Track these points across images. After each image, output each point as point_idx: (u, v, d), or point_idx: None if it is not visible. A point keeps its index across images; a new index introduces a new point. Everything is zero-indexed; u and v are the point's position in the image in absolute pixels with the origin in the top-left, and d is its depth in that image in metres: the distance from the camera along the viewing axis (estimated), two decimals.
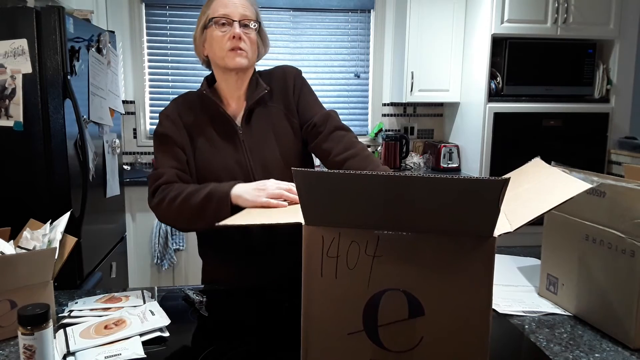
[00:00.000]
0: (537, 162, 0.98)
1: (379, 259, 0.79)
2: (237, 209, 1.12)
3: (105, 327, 0.98)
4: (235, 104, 1.32)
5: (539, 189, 0.89)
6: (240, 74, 1.28)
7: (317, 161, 1.46)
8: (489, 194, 0.70)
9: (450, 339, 0.79)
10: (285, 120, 1.32)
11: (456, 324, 0.78)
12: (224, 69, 1.27)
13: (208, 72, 1.39)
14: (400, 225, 0.79)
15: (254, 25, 1.27)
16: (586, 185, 0.82)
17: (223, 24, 1.24)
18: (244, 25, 1.25)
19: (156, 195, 1.21)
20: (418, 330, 0.80)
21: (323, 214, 0.81)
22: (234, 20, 1.24)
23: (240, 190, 1.13)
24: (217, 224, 0.97)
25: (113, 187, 2.48)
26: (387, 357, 0.82)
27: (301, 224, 0.83)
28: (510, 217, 0.81)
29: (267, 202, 1.09)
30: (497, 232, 0.76)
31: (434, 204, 0.75)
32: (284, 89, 1.34)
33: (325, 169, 0.84)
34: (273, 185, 1.13)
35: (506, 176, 1.00)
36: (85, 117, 2.14)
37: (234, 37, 1.23)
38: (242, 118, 1.30)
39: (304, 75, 1.39)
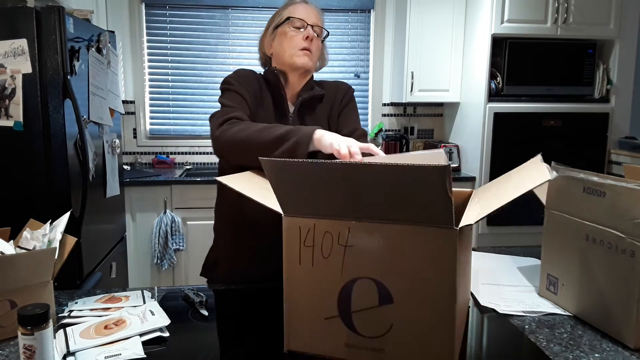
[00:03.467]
0: (535, 160, 0.99)
1: (350, 248, 0.83)
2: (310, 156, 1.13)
3: (105, 327, 0.98)
4: (289, 97, 1.40)
5: (516, 183, 0.91)
6: (301, 75, 1.38)
7: None
8: (435, 181, 0.72)
9: (419, 327, 0.82)
10: (326, 125, 1.42)
11: (424, 312, 0.81)
12: (289, 66, 1.36)
13: (208, 72, 1.43)
14: (366, 215, 0.82)
15: (323, 35, 1.39)
16: (547, 176, 0.86)
17: (298, 27, 1.34)
18: (315, 33, 1.36)
19: (224, 125, 1.19)
20: (388, 317, 0.83)
21: (297, 204, 0.85)
22: (308, 24, 1.34)
23: (323, 132, 1.12)
24: (216, 178, 1.01)
25: (113, 187, 2.49)
26: (360, 342, 0.85)
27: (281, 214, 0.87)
28: (481, 211, 0.83)
29: (345, 153, 1.06)
30: (461, 224, 0.78)
31: (388, 191, 0.77)
32: (332, 97, 1.44)
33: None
34: (353, 141, 1.11)
35: (504, 175, 1.01)
36: (85, 117, 2.14)
37: (307, 37, 1.34)
38: (294, 108, 1.38)
39: None
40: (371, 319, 0.84)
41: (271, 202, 0.90)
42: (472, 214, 0.83)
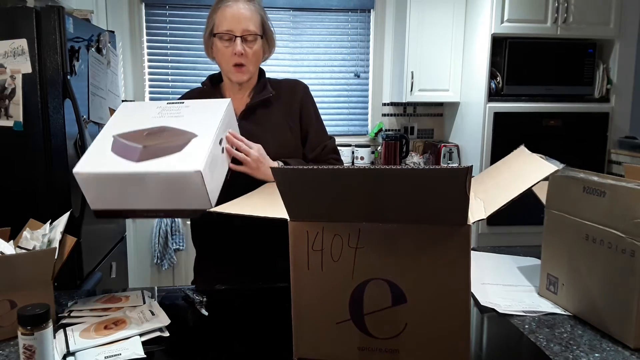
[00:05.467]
0: (520, 150, 0.99)
1: (361, 250, 0.82)
2: None
3: (105, 327, 0.98)
4: (237, 103, 1.34)
5: (515, 176, 0.91)
6: (243, 83, 1.34)
7: None
8: (455, 182, 0.72)
9: (433, 325, 0.81)
10: (285, 124, 1.36)
11: (437, 310, 0.81)
12: (228, 79, 1.34)
13: (208, 72, 1.43)
14: (379, 217, 0.81)
15: (257, 37, 1.29)
16: (553, 167, 0.84)
17: (228, 40, 1.27)
18: (246, 40, 1.27)
19: None
20: (402, 317, 0.82)
21: (306, 209, 0.84)
22: (236, 36, 1.26)
23: None
24: (210, 209, 1.02)
25: None
26: (374, 344, 0.85)
27: (286, 220, 0.85)
28: (487, 206, 0.83)
29: None
30: (472, 220, 0.78)
31: (407, 194, 0.77)
32: (289, 97, 1.38)
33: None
34: None
35: (491, 166, 1.02)
36: (85, 117, 2.14)
37: (235, 53, 1.26)
38: (241, 112, 1.33)
39: (304, 73, 1.45)
40: (385, 320, 0.83)
41: (269, 211, 0.90)
42: (478, 209, 0.83)
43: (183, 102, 1.20)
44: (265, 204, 1.02)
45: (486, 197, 0.86)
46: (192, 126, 1.11)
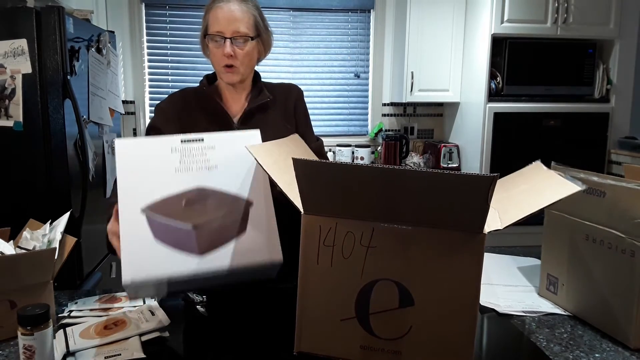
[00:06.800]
0: (537, 164, 0.99)
1: (373, 249, 0.82)
2: None
3: (105, 328, 0.98)
4: (235, 105, 1.34)
5: (532, 190, 0.90)
6: (237, 84, 1.33)
7: None
8: (479, 189, 0.72)
9: (438, 329, 0.81)
10: (283, 128, 1.35)
11: (444, 315, 0.80)
12: (221, 80, 1.33)
13: (206, 72, 1.43)
14: (394, 217, 0.81)
15: (248, 38, 1.27)
16: (575, 188, 0.84)
17: (217, 41, 1.27)
18: (236, 41, 1.26)
19: None
20: (408, 319, 0.82)
21: (321, 204, 0.83)
22: (226, 38, 1.25)
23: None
24: (246, 146, 0.92)
25: (113, 187, 2.48)
26: (376, 344, 0.84)
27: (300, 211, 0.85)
28: (502, 216, 0.83)
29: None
30: (487, 229, 0.78)
31: (426, 197, 0.77)
32: (284, 99, 1.38)
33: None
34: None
35: (505, 177, 1.02)
36: (85, 117, 2.14)
37: (225, 55, 1.26)
38: (239, 118, 1.32)
39: (304, 73, 1.43)
40: (390, 320, 0.83)
41: (292, 193, 0.87)
42: (494, 218, 0.83)
43: (202, 140, 0.98)
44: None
45: (500, 208, 0.86)
46: (232, 182, 0.95)
